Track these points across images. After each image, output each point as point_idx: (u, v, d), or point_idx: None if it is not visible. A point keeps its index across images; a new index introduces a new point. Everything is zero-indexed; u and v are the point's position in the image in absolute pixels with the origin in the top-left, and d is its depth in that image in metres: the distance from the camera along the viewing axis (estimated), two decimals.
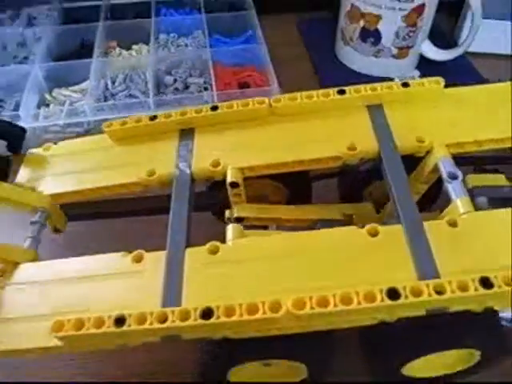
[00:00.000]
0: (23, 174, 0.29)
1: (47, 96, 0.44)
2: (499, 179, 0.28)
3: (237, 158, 0.27)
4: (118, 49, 0.49)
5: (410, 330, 0.23)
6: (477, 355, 0.25)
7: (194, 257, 0.23)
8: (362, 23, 0.45)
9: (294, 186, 0.32)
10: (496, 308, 0.22)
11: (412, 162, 0.28)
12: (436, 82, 0.29)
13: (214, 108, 0.29)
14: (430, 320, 0.22)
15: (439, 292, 0.19)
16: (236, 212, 0.28)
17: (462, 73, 0.48)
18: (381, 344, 0.25)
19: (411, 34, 0.45)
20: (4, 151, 0.28)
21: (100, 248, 0.24)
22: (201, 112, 0.29)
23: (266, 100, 0.29)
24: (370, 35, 0.45)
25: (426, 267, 0.21)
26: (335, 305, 0.19)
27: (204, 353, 0.24)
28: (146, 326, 0.20)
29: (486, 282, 0.20)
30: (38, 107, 0.43)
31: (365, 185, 0.32)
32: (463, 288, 0.19)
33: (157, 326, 0.20)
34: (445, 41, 0.50)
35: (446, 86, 0.29)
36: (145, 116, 0.30)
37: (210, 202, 0.31)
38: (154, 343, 0.21)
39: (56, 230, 0.29)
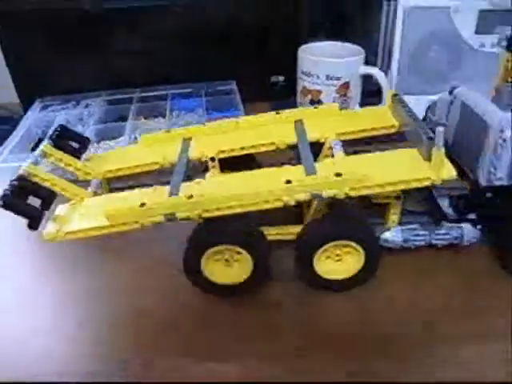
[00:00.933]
0: (87, 163, 0.48)
1: (96, 145, 0.65)
2: None
3: (214, 147, 0.46)
4: (143, 120, 0.72)
5: (315, 224, 0.39)
6: (363, 257, 0.40)
7: (185, 186, 0.40)
8: (310, 97, 0.67)
9: None
10: (352, 195, 0.37)
11: (320, 146, 0.46)
12: (334, 105, 0.49)
13: (204, 125, 0.49)
14: (327, 219, 0.39)
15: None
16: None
17: None
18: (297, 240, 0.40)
19: (344, 101, 0.66)
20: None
21: None
22: (196, 127, 0.49)
23: (234, 119, 0.49)
24: (316, 104, 0.67)
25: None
26: (260, 191, 0.36)
27: (187, 243, 0.39)
28: (157, 205, 0.37)
29: (338, 175, 0.37)
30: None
31: None
32: (326, 178, 0.37)
33: (161, 203, 0.37)
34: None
35: None
36: (162, 130, 0.50)
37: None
38: None
39: None
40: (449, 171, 0.37)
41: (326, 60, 0.63)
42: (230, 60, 0.79)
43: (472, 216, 0.43)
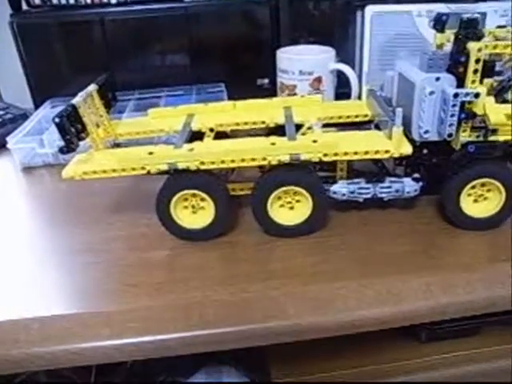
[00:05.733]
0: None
1: None
2: None
3: (213, 121, 0.54)
4: None
5: (270, 172, 0.45)
6: (311, 203, 0.46)
7: (187, 144, 0.48)
8: (287, 92, 0.74)
9: None
10: (325, 160, 0.45)
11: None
12: (318, 97, 0.57)
13: (206, 104, 0.57)
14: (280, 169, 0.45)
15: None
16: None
17: None
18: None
19: (318, 94, 0.72)
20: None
21: None
22: (199, 106, 0.57)
23: (232, 102, 0.57)
24: None
25: None
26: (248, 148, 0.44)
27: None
28: (163, 154, 0.44)
29: (315, 141, 0.44)
30: None
31: None
32: (305, 143, 0.44)
33: (167, 153, 0.44)
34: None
35: None
36: (171, 107, 0.58)
37: None
38: None
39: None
40: (406, 147, 0.45)
41: (298, 57, 0.72)
42: (221, 66, 0.86)
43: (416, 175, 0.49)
